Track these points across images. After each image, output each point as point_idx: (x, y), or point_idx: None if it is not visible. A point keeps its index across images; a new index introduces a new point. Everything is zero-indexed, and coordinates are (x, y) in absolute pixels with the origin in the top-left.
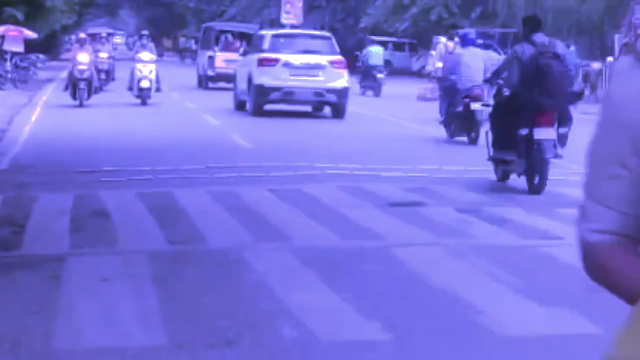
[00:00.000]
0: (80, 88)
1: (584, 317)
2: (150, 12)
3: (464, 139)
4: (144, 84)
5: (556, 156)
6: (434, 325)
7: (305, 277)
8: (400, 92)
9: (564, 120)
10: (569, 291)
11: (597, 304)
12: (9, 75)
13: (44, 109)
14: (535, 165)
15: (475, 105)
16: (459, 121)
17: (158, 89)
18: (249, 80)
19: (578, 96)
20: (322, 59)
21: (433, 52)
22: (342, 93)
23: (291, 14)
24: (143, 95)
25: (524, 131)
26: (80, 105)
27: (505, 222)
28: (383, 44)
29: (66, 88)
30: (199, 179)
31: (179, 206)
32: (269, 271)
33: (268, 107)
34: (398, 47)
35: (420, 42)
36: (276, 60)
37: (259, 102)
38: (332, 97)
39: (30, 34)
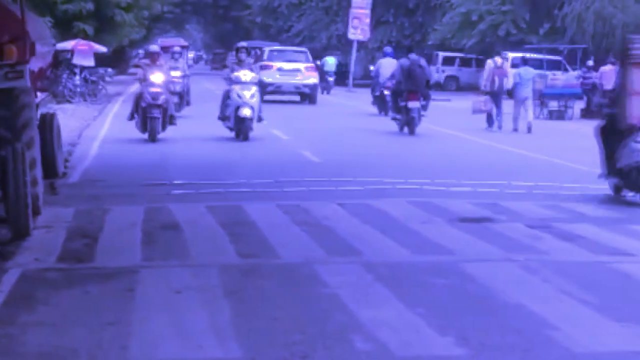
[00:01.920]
0: (152, 117)
1: None
2: (217, 27)
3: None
4: (245, 112)
5: (420, 115)
6: (508, 340)
7: (377, 292)
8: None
9: (424, 97)
10: None
11: None
12: (78, 89)
13: (113, 122)
14: (409, 120)
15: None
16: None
17: (260, 119)
18: None
19: (430, 86)
20: (300, 66)
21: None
22: (313, 87)
23: (358, 29)
24: (244, 129)
25: (403, 103)
26: (152, 140)
27: (577, 238)
28: (450, 60)
29: (132, 116)
30: (268, 193)
31: (249, 220)
32: (341, 285)
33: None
34: (465, 62)
35: (488, 58)
36: (271, 66)
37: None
38: (306, 90)
39: (100, 48)
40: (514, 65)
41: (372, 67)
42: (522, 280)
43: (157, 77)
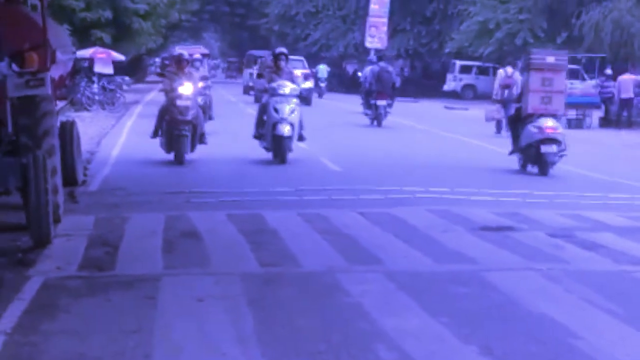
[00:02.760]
0: (180, 135)
1: None
2: (234, 36)
3: None
4: (283, 130)
5: (386, 112)
6: (532, 349)
7: (400, 301)
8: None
9: (390, 98)
10: None
11: None
12: (96, 97)
13: (132, 130)
14: (377, 115)
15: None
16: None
17: (301, 137)
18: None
19: (395, 89)
20: (298, 72)
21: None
22: (309, 91)
23: (375, 37)
24: (281, 149)
25: (373, 101)
26: (179, 162)
27: (599, 247)
28: (467, 68)
29: (156, 133)
30: (289, 201)
31: (269, 228)
32: (364, 294)
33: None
34: (482, 71)
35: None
36: None
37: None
38: (303, 92)
39: (118, 56)
40: None
41: (359, 74)
42: (544, 289)
43: (185, 89)
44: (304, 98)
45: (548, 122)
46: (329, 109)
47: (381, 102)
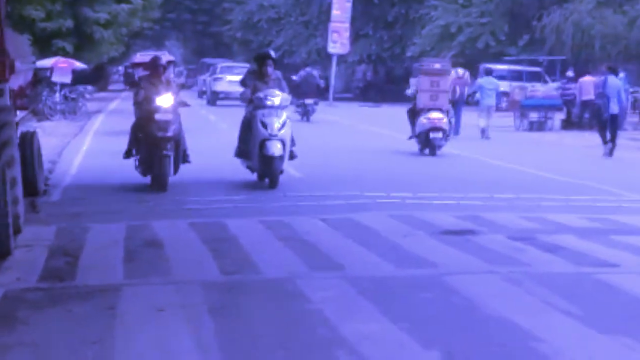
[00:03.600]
0: (162, 155)
1: None
2: (197, 43)
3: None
4: (273, 149)
5: (313, 109)
6: (495, 353)
7: (361, 307)
8: None
9: (316, 97)
10: (628, 319)
11: None
12: (58, 107)
13: (94, 139)
14: (305, 111)
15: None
16: None
17: (292, 156)
18: (210, 87)
19: (321, 90)
20: None
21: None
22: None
23: (338, 42)
24: (271, 171)
25: (302, 100)
26: (161, 188)
27: (559, 249)
28: None
29: (130, 154)
30: (250, 209)
31: (231, 236)
32: (325, 301)
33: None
34: None
35: (469, 70)
36: (222, 78)
37: (213, 98)
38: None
39: (81, 65)
40: (501, 77)
41: (294, 77)
42: (505, 292)
43: (165, 100)
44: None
45: (435, 115)
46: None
47: (308, 101)
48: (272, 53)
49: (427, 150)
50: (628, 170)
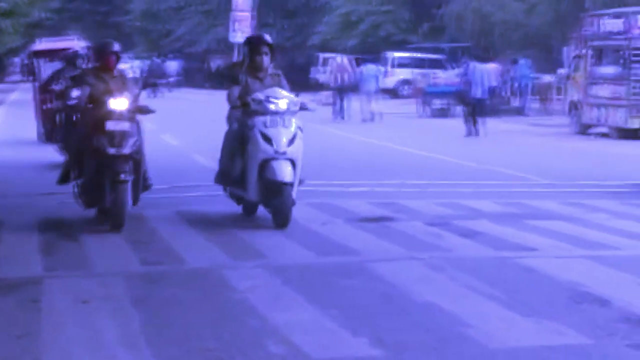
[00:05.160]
0: (118, 180)
1: (569, 328)
2: (97, 33)
3: None
4: (283, 172)
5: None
6: (423, 339)
7: (287, 295)
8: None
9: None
10: (551, 302)
11: (580, 314)
12: None
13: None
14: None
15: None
16: None
17: (301, 180)
18: None
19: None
20: None
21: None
22: None
23: (240, 32)
24: (282, 204)
25: None
26: (116, 225)
27: (476, 234)
28: None
29: (66, 178)
30: (166, 200)
31: (149, 227)
32: (250, 290)
33: None
34: None
35: (371, 58)
36: None
37: None
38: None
39: None
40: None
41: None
42: (428, 278)
43: (120, 103)
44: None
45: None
46: (185, 104)
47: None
48: (268, 37)
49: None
50: (533, 155)
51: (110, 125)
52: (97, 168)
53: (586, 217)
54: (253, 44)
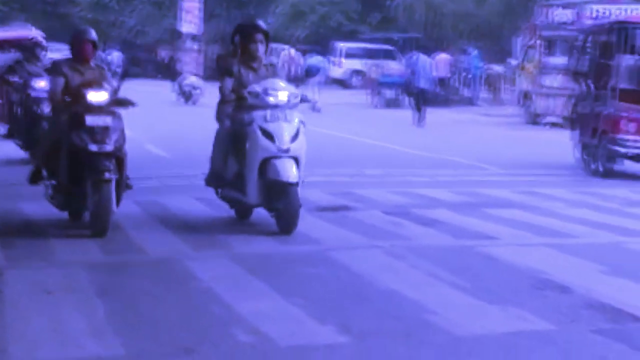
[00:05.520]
0: (101, 180)
1: (533, 314)
2: (45, 24)
3: None
4: (288, 170)
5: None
6: (389, 326)
7: (252, 284)
8: None
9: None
10: (514, 290)
11: (543, 301)
12: None
13: None
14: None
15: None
16: None
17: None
18: None
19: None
20: None
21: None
22: None
23: (191, 23)
24: (290, 205)
25: None
26: (99, 231)
27: (436, 223)
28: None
29: (38, 176)
30: None
31: None
32: (214, 279)
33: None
34: None
35: (321, 49)
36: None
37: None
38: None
39: None
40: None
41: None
42: (390, 266)
43: (98, 96)
44: None
45: None
46: (135, 95)
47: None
48: (262, 24)
49: None
50: (485, 144)
51: (91, 120)
52: (75, 166)
53: (542, 205)
54: (246, 31)
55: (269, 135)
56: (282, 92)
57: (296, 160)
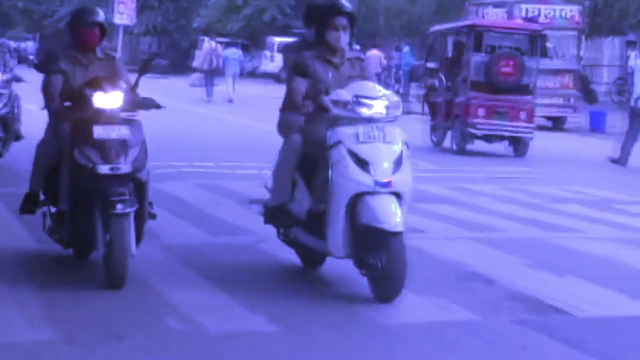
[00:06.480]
0: (113, 214)
1: (458, 305)
2: None
3: None
4: (391, 216)
5: None
6: (318, 316)
7: (183, 274)
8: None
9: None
10: (440, 281)
11: (468, 292)
12: None
13: None
14: None
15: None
16: None
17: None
18: None
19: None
20: None
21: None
22: None
23: (124, 14)
24: (391, 261)
25: None
26: (117, 281)
27: None
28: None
29: (33, 201)
30: None
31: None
32: (146, 269)
33: None
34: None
35: (255, 43)
36: None
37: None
38: None
39: None
40: None
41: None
42: None
43: (110, 99)
44: None
45: None
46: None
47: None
48: (347, 3)
49: None
50: (415, 140)
51: (100, 132)
52: (80, 193)
53: (470, 200)
54: (326, 13)
55: (362, 163)
56: (378, 102)
57: (400, 197)
